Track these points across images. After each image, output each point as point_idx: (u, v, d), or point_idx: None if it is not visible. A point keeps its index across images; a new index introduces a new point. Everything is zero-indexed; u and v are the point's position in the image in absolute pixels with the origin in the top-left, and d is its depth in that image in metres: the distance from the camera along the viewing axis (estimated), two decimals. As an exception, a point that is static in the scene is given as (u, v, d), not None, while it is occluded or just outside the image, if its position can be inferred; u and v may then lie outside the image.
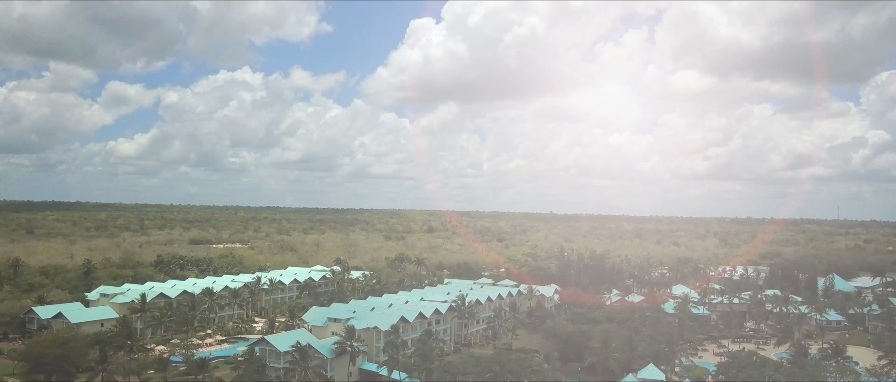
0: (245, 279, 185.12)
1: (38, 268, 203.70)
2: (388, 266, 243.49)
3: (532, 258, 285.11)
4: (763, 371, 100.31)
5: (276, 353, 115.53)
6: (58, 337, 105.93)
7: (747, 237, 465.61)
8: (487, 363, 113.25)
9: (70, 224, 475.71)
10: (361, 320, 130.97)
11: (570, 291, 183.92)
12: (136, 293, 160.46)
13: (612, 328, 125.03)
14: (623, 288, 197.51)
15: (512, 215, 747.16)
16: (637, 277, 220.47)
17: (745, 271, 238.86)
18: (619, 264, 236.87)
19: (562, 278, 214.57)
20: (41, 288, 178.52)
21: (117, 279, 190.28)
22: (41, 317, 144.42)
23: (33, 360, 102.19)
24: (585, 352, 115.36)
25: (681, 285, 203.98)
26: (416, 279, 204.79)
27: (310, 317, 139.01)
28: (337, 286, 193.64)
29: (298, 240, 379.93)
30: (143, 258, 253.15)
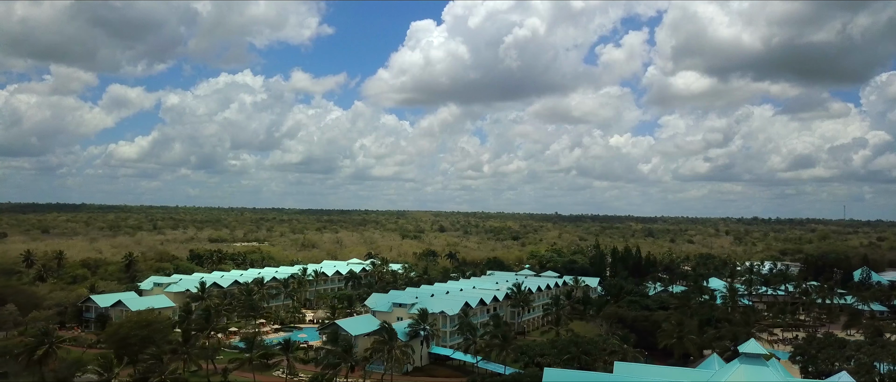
0: (290, 271, 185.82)
1: (79, 261, 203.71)
2: (419, 261, 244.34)
3: (557, 253, 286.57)
4: (843, 352, 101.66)
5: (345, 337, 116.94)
6: (142, 319, 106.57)
7: (759, 236, 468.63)
8: (564, 345, 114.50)
9: (82, 224, 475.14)
10: (425, 306, 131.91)
11: (612, 282, 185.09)
12: (187, 282, 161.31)
13: (677, 314, 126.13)
14: (661, 281, 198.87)
15: (518, 216, 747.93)
16: (671, 270, 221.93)
17: (773, 265, 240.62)
18: (650, 258, 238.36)
19: (596, 271, 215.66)
20: (84, 280, 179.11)
21: (159, 272, 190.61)
22: (99, 305, 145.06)
23: (120, 341, 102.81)
24: (657, 335, 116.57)
25: (714, 278, 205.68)
26: (456, 272, 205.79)
27: (372, 303, 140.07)
28: (377, 278, 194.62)
29: (317, 238, 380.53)
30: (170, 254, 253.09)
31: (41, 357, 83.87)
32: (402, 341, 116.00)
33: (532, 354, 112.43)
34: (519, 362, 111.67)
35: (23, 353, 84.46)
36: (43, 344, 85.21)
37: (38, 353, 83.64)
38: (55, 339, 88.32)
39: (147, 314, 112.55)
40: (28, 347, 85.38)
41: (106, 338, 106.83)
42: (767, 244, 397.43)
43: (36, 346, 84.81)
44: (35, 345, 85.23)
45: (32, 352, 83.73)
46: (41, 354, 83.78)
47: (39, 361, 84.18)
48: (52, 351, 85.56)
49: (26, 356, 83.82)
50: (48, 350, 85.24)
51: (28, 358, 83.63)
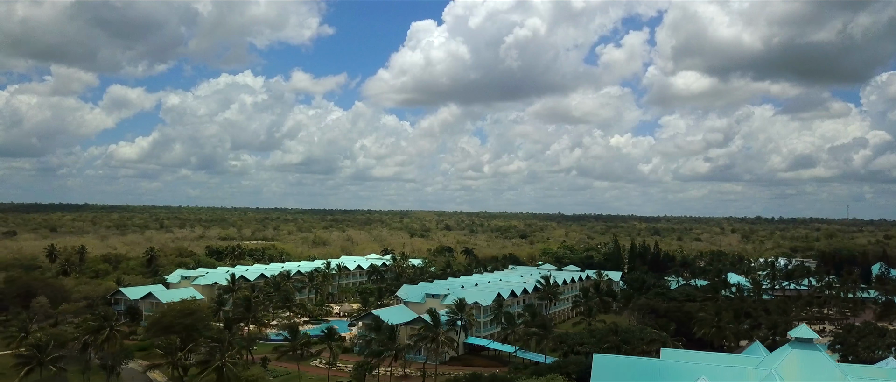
0: (313, 265, 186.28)
1: (100, 256, 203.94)
2: (436, 256, 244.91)
3: (569, 250, 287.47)
4: (884, 340, 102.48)
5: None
6: (185, 307, 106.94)
7: (765, 234, 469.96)
8: (603, 334, 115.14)
9: (89, 223, 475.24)
10: (458, 297, 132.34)
11: (633, 276, 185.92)
12: (214, 276, 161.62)
13: (713, 305, 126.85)
14: (681, 275, 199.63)
15: (521, 216, 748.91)
16: (688, 265, 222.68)
17: (788, 261, 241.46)
18: (668, 254, 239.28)
19: (613, 267, 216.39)
20: (107, 275, 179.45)
21: (180, 267, 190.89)
22: (129, 298, 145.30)
23: (164, 327, 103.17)
24: (694, 325, 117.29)
25: (732, 273, 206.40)
26: (479, 267, 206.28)
27: (403, 294, 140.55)
28: (398, 272, 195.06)
29: (327, 236, 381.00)
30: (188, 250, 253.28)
31: (103, 341, 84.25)
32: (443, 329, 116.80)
33: (571, 343, 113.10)
34: (557, 351, 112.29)
35: (84, 335, 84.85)
36: (104, 327, 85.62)
37: (101, 336, 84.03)
38: (115, 323, 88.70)
39: (189, 303, 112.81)
40: (89, 330, 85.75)
41: (150, 326, 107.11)
42: (775, 241, 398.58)
43: (97, 329, 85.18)
44: (96, 328, 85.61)
45: (96, 333, 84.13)
46: (104, 337, 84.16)
47: (101, 344, 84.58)
48: (112, 334, 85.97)
49: (91, 336, 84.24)
50: (109, 333, 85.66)
51: (92, 339, 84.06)
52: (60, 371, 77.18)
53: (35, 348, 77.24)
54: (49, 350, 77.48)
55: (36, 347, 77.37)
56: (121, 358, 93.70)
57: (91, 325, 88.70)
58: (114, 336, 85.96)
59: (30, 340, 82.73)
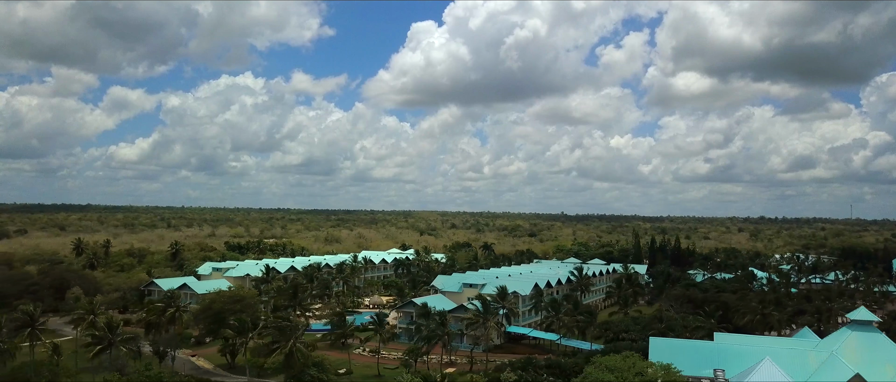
0: (340, 259, 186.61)
1: (124, 251, 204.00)
2: (455, 252, 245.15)
3: (584, 246, 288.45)
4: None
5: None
6: (234, 295, 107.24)
7: (772, 233, 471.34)
8: (647, 321, 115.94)
9: (96, 222, 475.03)
10: (496, 286, 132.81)
11: (659, 269, 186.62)
12: (244, 268, 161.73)
13: (756, 294, 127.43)
14: (704, 269, 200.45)
15: (524, 216, 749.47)
16: (709, 259, 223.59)
17: (806, 256, 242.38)
18: (689, 249, 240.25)
19: (636, 261, 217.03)
20: (132, 268, 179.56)
21: (205, 261, 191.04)
22: (163, 289, 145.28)
23: (214, 314, 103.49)
24: (737, 313, 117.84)
25: (752, 268, 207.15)
26: (504, 261, 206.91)
27: (440, 284, 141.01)
28: (422, 266, 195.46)
29: (338, 233, 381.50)
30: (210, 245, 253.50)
31: (168, 320, 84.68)
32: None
33: (616, 330, 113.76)
34: (601, 338, 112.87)
35: (152, 316, 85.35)
36: (170, 307, 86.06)
37: (166, 315, 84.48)
38: (180, 305, 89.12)
39: (237, 290, 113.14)
40: (157, 310, 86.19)
41: (199, 312, 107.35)
42: (783, 240, 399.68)
43: (164, 310, 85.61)
44: (163, 309, 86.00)
45: (162, 313, 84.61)
46: (169, 316, 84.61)
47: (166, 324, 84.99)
48: (178, 315, 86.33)
49: (157, 316, 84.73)
50: (174, 313, 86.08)
51: (158, 318, 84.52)
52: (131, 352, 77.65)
53: (107, 329, 77.63)
54: (118, 331, 77.86)
55: (108, 327, 77.76)
56: (176, 344, 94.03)
57: (158, 306, 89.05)
58: (180, 317, 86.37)
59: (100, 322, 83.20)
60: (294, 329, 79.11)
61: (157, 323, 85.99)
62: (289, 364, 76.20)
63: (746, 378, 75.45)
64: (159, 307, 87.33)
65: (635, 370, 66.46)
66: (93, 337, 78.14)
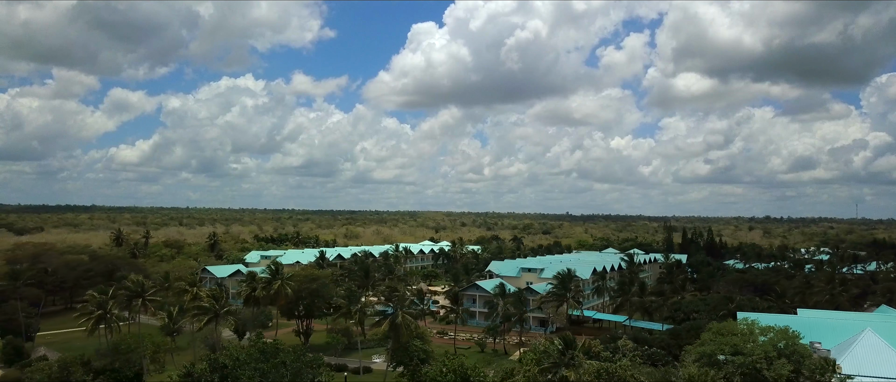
0: (381, 249, 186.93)
1: (161, 242, 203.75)
2: (488, 244, 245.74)
3: (604, 242, 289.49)
4: None
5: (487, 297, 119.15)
6: (310, 274, 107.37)
7: (783, 231, 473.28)
8: (717, 302, 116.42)
9: (108, 221, 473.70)
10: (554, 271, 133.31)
11: (698, 259, 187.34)
12: (292, 256, 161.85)
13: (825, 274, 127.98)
14: (741, 260, 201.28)
15: (529, 216, 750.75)
16: (742, 251, 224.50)
17: (837, 249, 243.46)
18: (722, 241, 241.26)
19: (667, 251, 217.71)
20: (172, 259, 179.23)
21: (243, 252, 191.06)
22: (216, 276, 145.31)
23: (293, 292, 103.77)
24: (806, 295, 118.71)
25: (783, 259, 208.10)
26: (535, 253, 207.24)
27: (496, 269, 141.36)
28: (458, 257, 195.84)
29: (357, 230, 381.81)
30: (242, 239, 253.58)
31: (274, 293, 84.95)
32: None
33: (686, 311, 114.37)
34: (669, 319, 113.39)
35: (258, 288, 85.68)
36: (275, 279, 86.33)
37: (273, 287, 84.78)
38: (284, 276, 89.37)
39: (312, 270, 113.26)
40: (263, 282, 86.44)
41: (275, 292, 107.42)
42: (795, 237, 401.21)
43: (270, 280, 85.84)
44: (270, 279, 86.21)
45: (268, 285, 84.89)
46: (275, 288, 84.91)
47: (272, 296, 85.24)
48: (282, 288, 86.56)
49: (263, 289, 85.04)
50: (280, 286, 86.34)
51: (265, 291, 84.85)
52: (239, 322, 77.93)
53: (213, 299, 77.82)
54: (222, 303, 78.06)
55: (214, 298, 77.95)
56: (264, 321, 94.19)
57: (264, 278, 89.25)
58: (284, 289, 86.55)
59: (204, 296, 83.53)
60: (402, 300, 79.33)
61: (257, 298, 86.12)
62: (396, 335, 76.40)
63: (849, 350, 75.90)
64: (264, 280, 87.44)
65: (755, 335, 66.79)
66: (198, 308, 78.28)
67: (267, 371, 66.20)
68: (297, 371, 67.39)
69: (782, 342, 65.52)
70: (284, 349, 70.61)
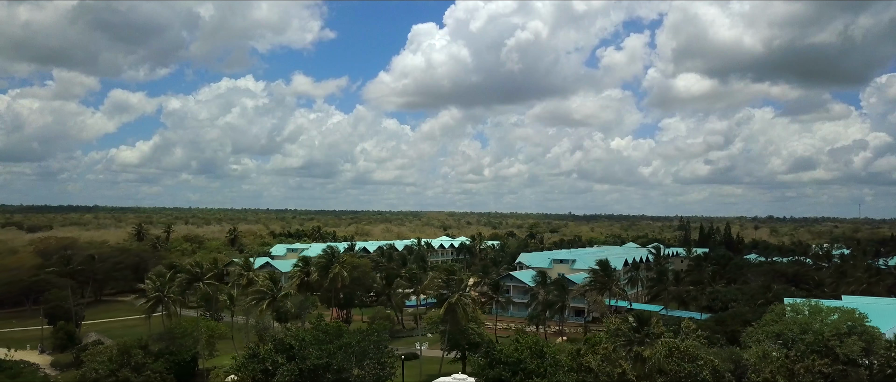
0: (405, 242, 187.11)
1: (181, 237, 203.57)
2: (506, 238, 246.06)
3: (618, 239, 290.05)
4: None
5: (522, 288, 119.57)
6: (351, 261, 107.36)
7: (789, 230, 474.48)
8: (755, 291, 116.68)
9: (114, 221, 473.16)
10: (585, 262, 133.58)
11: (719, 253, 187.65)
12: (319, 248, 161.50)
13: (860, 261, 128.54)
14: (762, 254, 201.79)
15: (532, 216, 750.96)
16: (759, 246, 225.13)
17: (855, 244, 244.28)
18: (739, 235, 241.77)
19: (686, 245, 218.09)
20: (192, 254, 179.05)
21: (264, 246, 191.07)
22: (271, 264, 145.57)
23: (308, 291, 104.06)
24: (841, 285, 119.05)
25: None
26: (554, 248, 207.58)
27: (527, 260, 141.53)
28: (475, 251, 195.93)
29: (368, 228, 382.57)
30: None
31: (333, 277, 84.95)
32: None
33: (724, 300, 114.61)
34: (707, 308, 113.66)
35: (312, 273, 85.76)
36: (332, 263, 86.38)
37: (332, 271, 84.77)
38: (339, 260, 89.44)
39: (352, 258, 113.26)
40: (321, 265, 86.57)
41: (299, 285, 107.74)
42: (806, 234, 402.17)
43: (328, 264, 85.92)
44: (327, 263, 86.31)
45: (326, 269, 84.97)
46: (335, 272, 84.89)
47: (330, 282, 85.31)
48: (340, 272, 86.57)
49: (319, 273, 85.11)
50: (338, 270, 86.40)
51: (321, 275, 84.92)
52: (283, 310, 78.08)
53: (271, 281, 77.95)
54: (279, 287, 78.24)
55: (272, 280, 78.11)
56: (307, 306, 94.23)
57: (321, 262, 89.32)
58: (341, 273, 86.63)
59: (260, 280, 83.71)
60: (459, 283, 79.41)
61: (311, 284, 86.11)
62: (454, 318, 76.47)
63: (907, 332, 75.89)
64: (322, 263, 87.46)
65: (823, 314, 67.05)
66: (256, 292, 78.47)
67: (333, 351, 66.22)
68: (363, 351, 67.42)
69: (848, 322, 65.80)
70: (347, 330, 70.68)
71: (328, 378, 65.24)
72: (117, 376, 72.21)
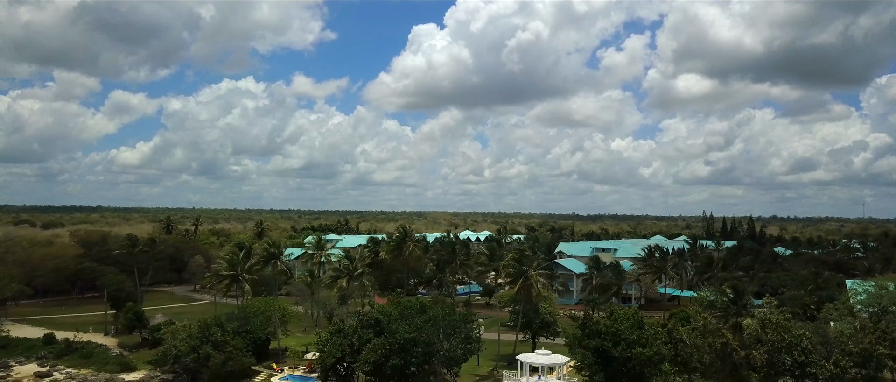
0: (435, 235, 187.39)
1: (207, 231, 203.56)
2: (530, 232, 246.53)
3: (631, 233, 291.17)
4: None
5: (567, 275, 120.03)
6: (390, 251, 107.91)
7: (797, 229, 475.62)
8: (804, 277, 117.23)
9: (123, 219, 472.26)
10: (627, 251, 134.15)
11: (746, 245, 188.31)
12: (353, 240, 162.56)
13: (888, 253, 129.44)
14: (789, 246, 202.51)
15: (536, 216, 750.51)
16: (784, 239, 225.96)
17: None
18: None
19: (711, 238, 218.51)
20: (221, 247, 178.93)
21: (293, 238, 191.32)
22: (290, 259, 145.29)
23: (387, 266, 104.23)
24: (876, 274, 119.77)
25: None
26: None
27: (567, 249, 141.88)
28: (502, 244, 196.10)
29: (381, 226, 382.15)
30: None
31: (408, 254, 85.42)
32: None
33: (774, 285, 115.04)
34: (756, 294, 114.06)
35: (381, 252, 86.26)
36: (405, 241, 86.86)
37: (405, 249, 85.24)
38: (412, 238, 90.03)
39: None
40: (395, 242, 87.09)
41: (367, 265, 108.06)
42: (811, 234, 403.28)
43: (401, 242, 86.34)
44: (400, 242, 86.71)
45: (400, 247, 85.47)
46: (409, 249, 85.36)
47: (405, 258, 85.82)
48: (413, 249, 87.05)
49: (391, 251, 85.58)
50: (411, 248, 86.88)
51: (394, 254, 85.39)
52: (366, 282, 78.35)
53: (348, 259, 78.33)
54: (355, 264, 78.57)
55: (349, 258, 78.47)
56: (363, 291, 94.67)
57: (395, 239, 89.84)
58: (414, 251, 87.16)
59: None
60: (531, 260, 79.64)
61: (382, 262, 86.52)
62: (528, 295, 76.74)
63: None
64: (395, 241, 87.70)
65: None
66: (335, 271, 78.89)
67: (421, 325, 66.46)
68: (452, 325, 67.72)
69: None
70: (431, 307, 70.84)
71: (417, 352, 65.47)
72: (199, 352, 72.44)
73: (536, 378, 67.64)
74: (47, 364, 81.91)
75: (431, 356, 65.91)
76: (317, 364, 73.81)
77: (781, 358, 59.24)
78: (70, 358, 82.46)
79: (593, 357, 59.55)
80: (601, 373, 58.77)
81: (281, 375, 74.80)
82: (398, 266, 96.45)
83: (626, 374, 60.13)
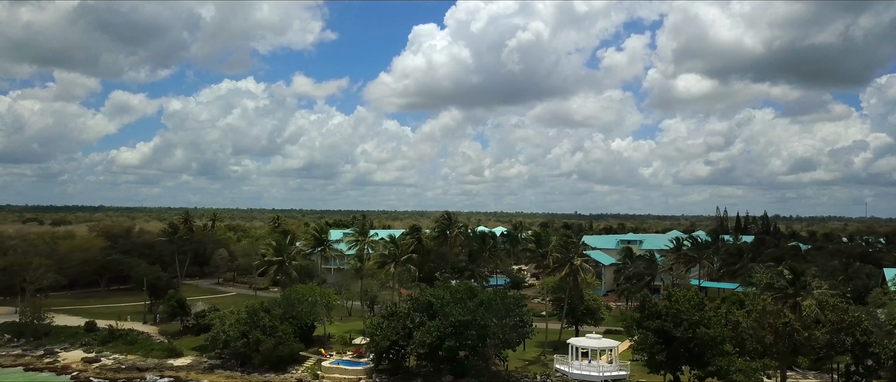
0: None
1: (224, 227, 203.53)
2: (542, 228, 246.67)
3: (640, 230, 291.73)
4: None
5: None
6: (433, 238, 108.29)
7: (802, 227, 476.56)
8: (833, 269, 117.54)
9: (127, 218, 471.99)
10: (652, 243, 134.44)
11: (763, 239, 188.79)
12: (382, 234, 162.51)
13: None
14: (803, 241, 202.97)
15: (538, 215, 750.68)
16: (797, 235, 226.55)
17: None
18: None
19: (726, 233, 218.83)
20: (237, 242, 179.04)
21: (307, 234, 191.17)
22: (305, 252, 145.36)
23: (423, 257, 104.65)
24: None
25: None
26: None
27: (592, 242, 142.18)
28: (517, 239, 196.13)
29: (390, 223, 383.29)
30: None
31: (452, 239, 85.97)
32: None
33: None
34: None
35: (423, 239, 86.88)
36: (450, 227, 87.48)
37: (451, 234, 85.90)
38: (456, 224, 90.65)
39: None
40: (439, 228, 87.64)
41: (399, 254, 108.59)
42: (821, 229, 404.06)
43: (446, 228, 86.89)
44: (445, 227, 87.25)
45: (444, 233, 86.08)
46: (455, 234, 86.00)
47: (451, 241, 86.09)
48: (458, 235, 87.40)
49: (435, 238, 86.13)
50: (455, 233, 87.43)
51: (438, 243, 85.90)
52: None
53: (393, 244, 78.98)
54: (401, 250, 79.14)
55: (393, 243, 79.13)
56: (409, 278, 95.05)
57: (439, 225, 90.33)
58: (459, 237, 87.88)
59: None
60: (577, 246, 79.95)
61: (426, 249, 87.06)
62: (574, 283, 77.03)
63: None
64: (440, 226, 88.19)
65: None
66: (380, 257, 79.41)
67: (473, 308, 66.74)
68: (505, 308, 67.99)
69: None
70: (481, 290, 71.12)
71: (471, 335, 65.73)
72: (248, 338, 72.60)
73: (587, 361, 67.98)
74: (93, 350, 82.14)
75: (485, 338, 66.20)
76: (366, 348, 74.03)
77: (842, 338, 59.65)
78: (114, 345, 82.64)
79: (654, 338, 59.81)
80: (663, 352, 59.03)
81: (330, 360, 74.99)
82: (444, 252, 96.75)
83: (686, 355, 60.49)
